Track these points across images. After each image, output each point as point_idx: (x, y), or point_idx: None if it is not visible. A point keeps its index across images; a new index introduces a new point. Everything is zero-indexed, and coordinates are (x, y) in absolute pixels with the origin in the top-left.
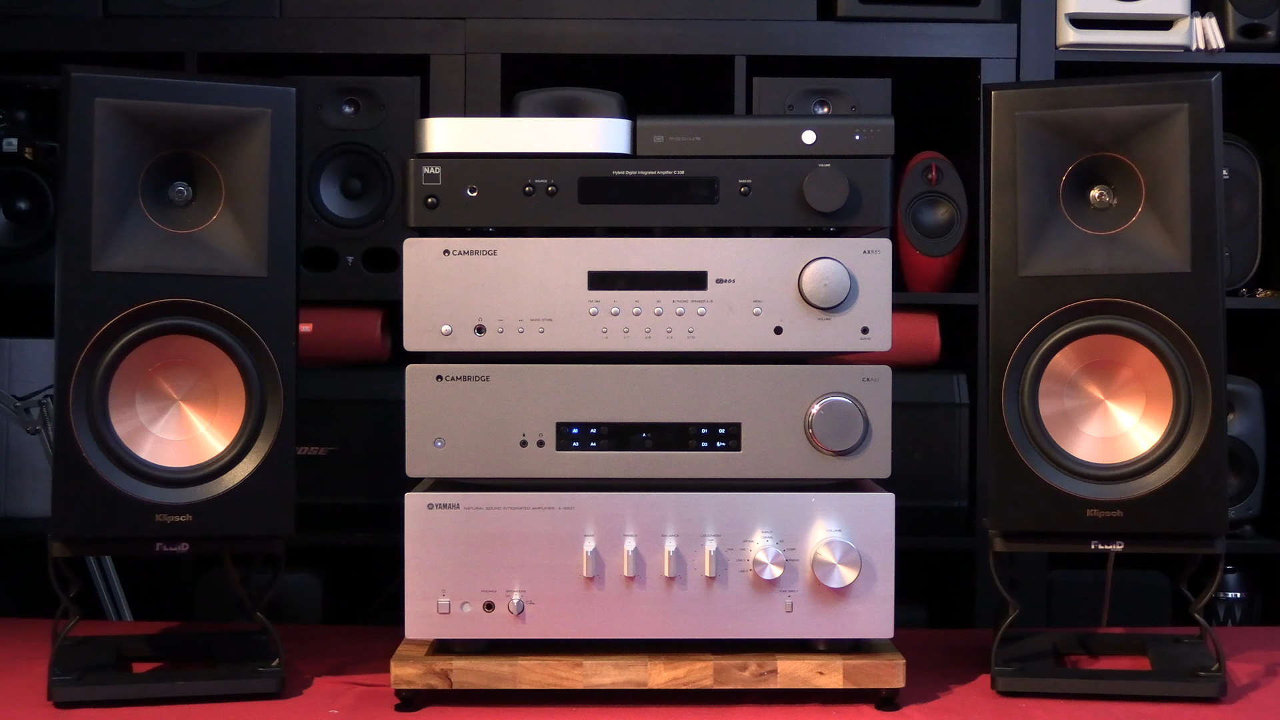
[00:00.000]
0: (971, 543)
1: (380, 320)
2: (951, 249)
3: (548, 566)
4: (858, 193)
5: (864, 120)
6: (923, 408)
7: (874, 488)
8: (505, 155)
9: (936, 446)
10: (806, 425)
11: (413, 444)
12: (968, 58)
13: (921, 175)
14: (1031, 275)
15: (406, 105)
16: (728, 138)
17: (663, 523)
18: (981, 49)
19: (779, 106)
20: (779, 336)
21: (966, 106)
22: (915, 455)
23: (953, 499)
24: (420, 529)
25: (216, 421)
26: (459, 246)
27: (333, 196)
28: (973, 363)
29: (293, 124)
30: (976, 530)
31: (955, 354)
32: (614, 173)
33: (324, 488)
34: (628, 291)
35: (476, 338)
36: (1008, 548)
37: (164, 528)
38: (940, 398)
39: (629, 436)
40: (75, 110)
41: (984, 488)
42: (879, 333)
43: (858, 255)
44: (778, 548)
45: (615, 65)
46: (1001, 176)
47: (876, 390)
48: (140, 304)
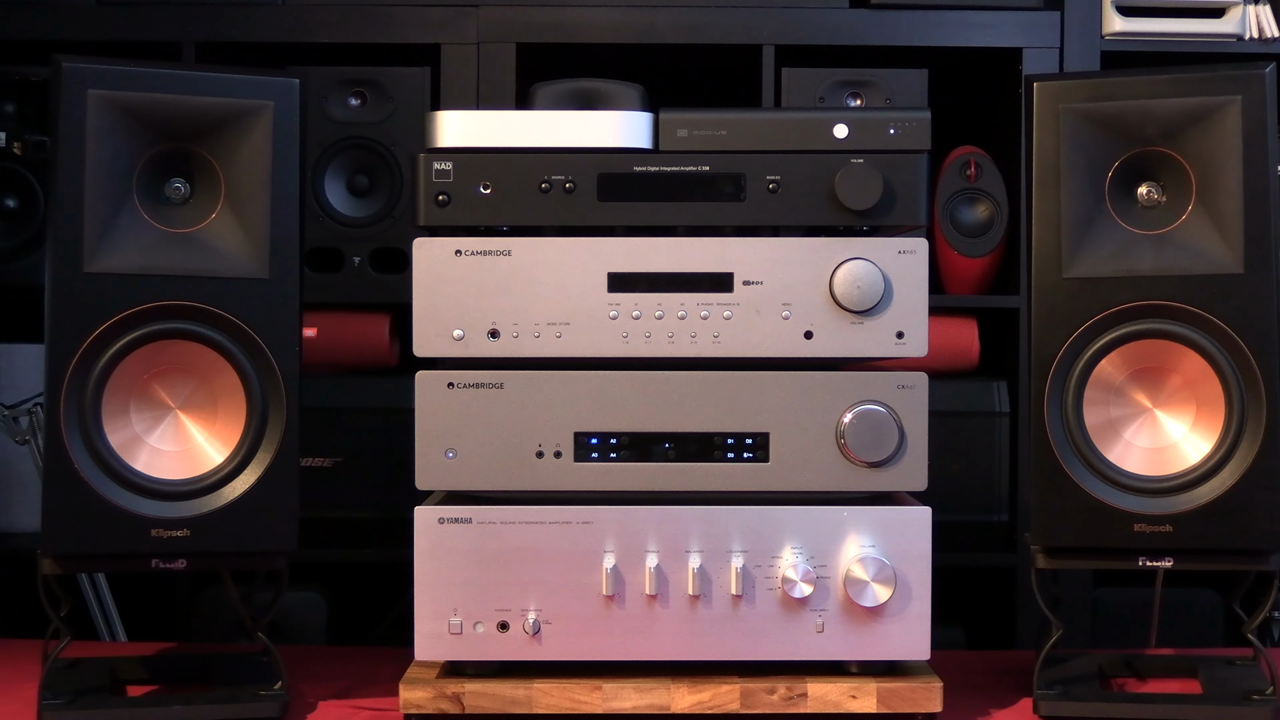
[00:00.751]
0: (1012, 559)
1: (388, 324)
2: (991, 249)
3: (565, 584)
4: (892, 190)
5: (899, 113)
6: (961, 417)
7: (909, 501)
8: (520, 150)
9: (975, 457)
10: (838, 435)
11: (423, 455)
12: (1008, 47)
13: (959, 171)
14: (1076, 277)
15: (416, 97)
16: (755, 132)
17: (686, 538)
18: (1023, 38)
19: (809, 99)
20: (809, 341)
21: (1007, 99)
22: (953, 467)
23: (992, 513)
24: (431, 544)
25: (215, 431)
26: (471, 246)
27: (338, 194)
28: (1013, 369)
29: (296, 117)
30: (1017, 546)
31: (995, 360)
32: (635, 169)
33: (329, 501)
34: (650, 294)
35: (490, 343)
36: (1050, 564)
37: (160, 543)
38: (979, 406)
39: (651, 447)
40: (66, 102)
41: (1025, 501)
42: (915, 337)
43: (892, 256)
44: (808, 564)
45: (636, 55)
46: (1044, 172)
47: (912, 398)
48: (135, 307)
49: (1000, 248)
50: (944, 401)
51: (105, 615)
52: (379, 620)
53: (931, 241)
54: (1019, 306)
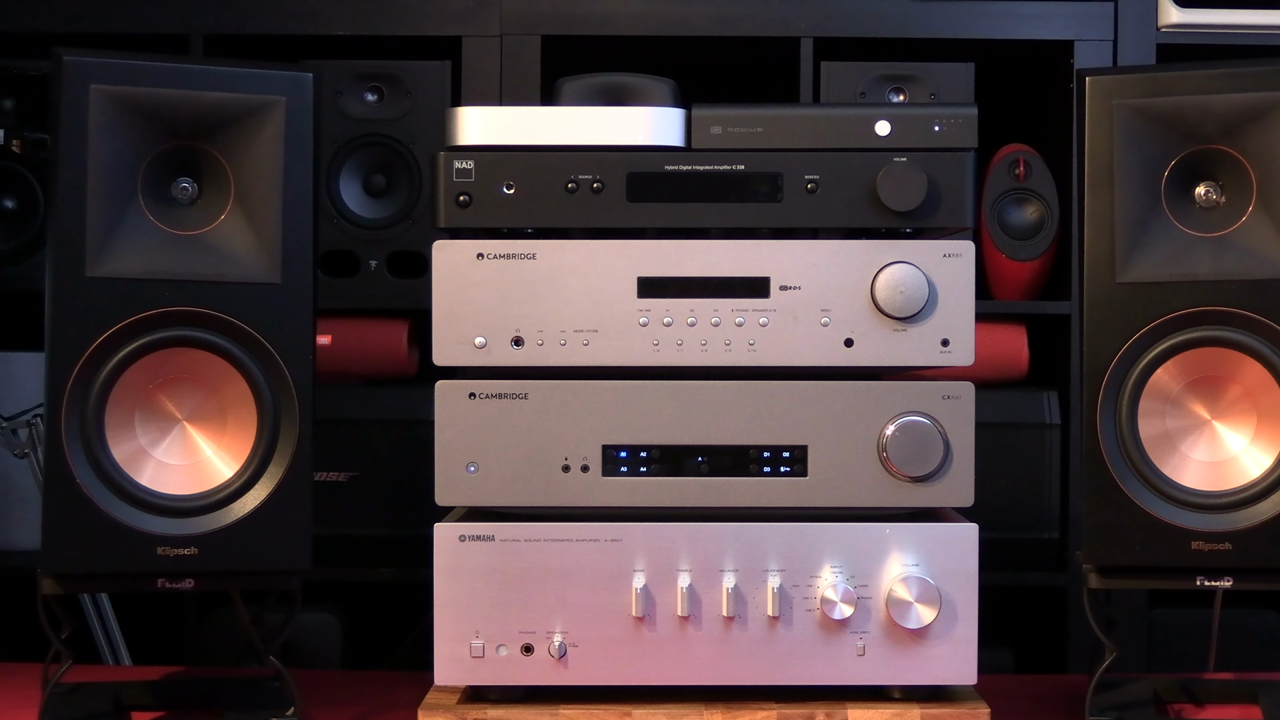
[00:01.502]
0: (1063, 579)
1: (406, 331)
2: (1041, 252)
3: (593, 605)
4: (937, 190)
5: (944, 109)
6: (1009, 429)
7: (955, 518)
8: (546, 148)
9: (1024, 472)
10: (880, 448)
11: (443, 469)
12: (1059, 40)
13: (1008, 170)
14: (1130, 281)
15: (436, 92)
16: (793, 129)
17: (720, 556)
18: (1075, 30)
19: (850, 94)
20: (849, 350)
21: (1058, 94)
22: (1001, 481)
23: (1042, 530)
24: (451, 563)
25: (225, 444)
26: (494, 249)
27: (354, 194)
28: (1065, 379)
29: (309, 113)
30: (1069, 565)
31: (1045, 369)
32: (666, 168)
33: (344, 517)
34: (681, 299)
35: (514, 351)
36: (1104, 584)
37: (167, 562)
38: (1029, 418)
39: (683, 461)
40: (68, 98)
41: (1077, 517)
42: (961, 345)
43: (937, 259)
44: (848, 584)
45: (667, 48)
46: (1097, 172)
47: (958, 409)
48: (140, 313)
49: (1050, 251)
50: (991, 413)
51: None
52: (396, 643)
53: (978, 244)
54: (1070, 313)
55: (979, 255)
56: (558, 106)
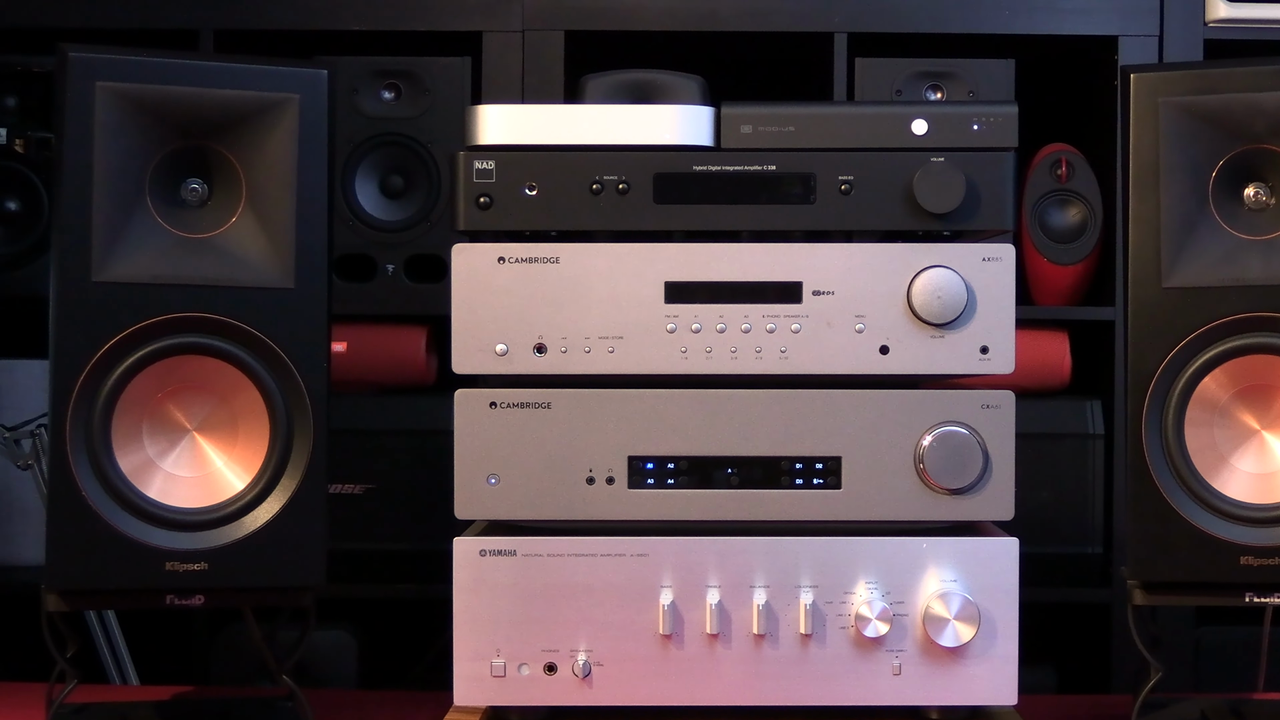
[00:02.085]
0: (1107, 595)
1: (425, 338)
2: (1084, 256)
3: (618, 622)
4: (976, 191)
5: (983, 107)
6: (1051, 439)
7: (995, 532)
8: (569, 148)
9: (1067, 484)
10: (917, 459)
11: (463, 481)
12: (1103, 35)
13: (1049, 171)
14: (1177, 286)
15: (455, 90)
16: (826, 128)
17: (751, 572)
18: (1119, 25)
19: (885, 92)
20: (885, 357)
21: (1101, 92)
22: (1042, 494)
23: (1085, 544)
24: (471, 579)
25: (236, 455)
26: (516, 253)
27: (370, 195)
28: (1109, 387)
29: (324, 112)
30: (1113, 580)
31: (1088, 377)
32: (695, 168)
33: (360, 531)
34: (710, 305)
35: (536, 358)
36: (1149, 600)
37: (175, 577)
38: (1071, 428)
39: (712, 472)
40: (73, 96)
41: (1121, 531)
42: (1001, 352)
43: (976, 263)
44: (884, 601)
45: (696, 44)
46: (1142, 172)
47: (998, 419)
48: (148, 319)
49: (1094, 254)
50: (1032, 422)
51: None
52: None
53: (1019, 247)
54: (1114, 319)
55: (1019, 259)
56: (582, 104)
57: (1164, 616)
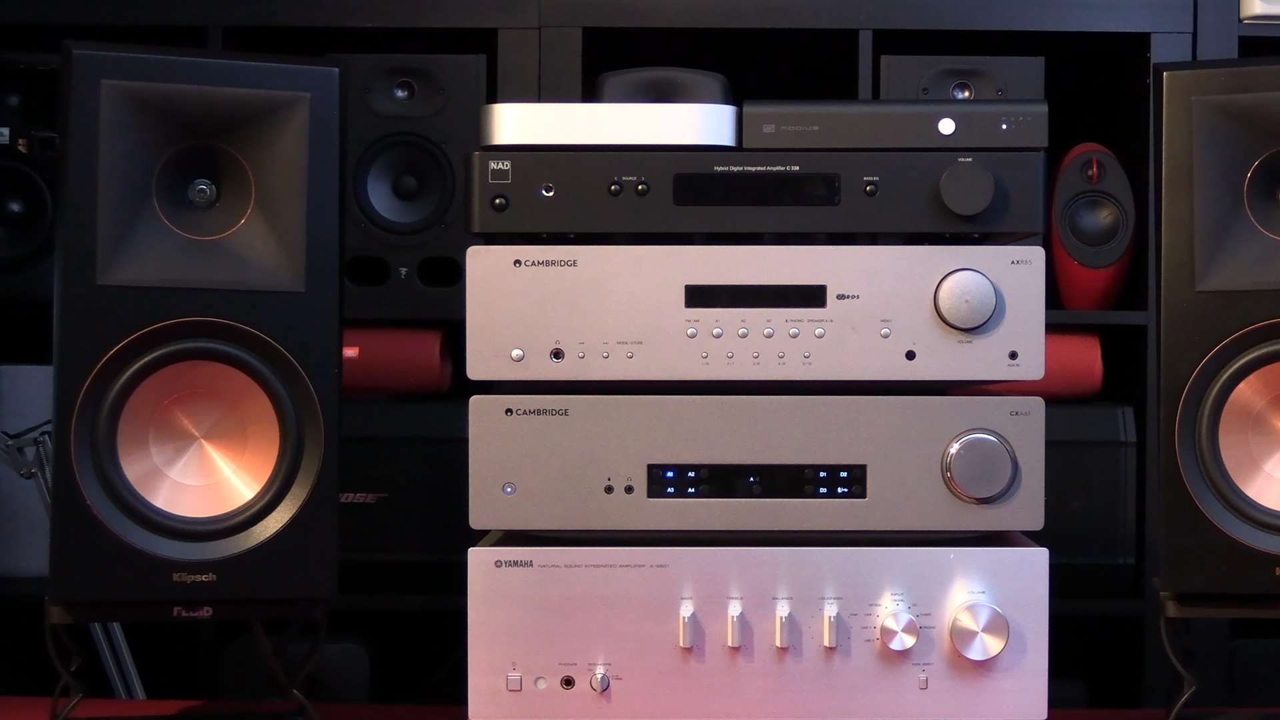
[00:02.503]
0: (1139, 606)
1: (439, 343)
2: (1115, 259)
3: (637, 635)
4: (1005, 192)
5: (1012, 106)
6: (1081, 447)
7: (1024, 542)
8: (587, 148)
9: (1098, 493)
10: (944, 468)
11: (477, 490)
12: (1135, 32)
13: (1080, 172)
14: (1211, 290)
15: (470, 89)
16: (851, 127)
17: (773, 583)
18: (1151, 22)
19: (911, 90)
20: (911, 363)
21: (1133, 90)
22: (1072, 503)
23: (1117, 555)
24: (486, 590)
25: (245, 463)
26: (532, 256)
27: (382, 197)
28: (1141, 394)
29: (335, 111)
30: (1145, 592)
31: (1120, 383)
32: (716, 168)
33: (372, 541)
34: (732, 309)
35: (553, 364)
36: (1182, 612)
37: (183, 589)
38: (1102, 435)
39: (734, 481)
40: (78, 94)
41: (1154, 541)
42: (1030, 358)
43: (1005, 266)
44: (910, 613)
45: (717, 41)
46: (1175, 173)
47: (1027, 426)
48: (155, 324)
49: (1126, 257)
50: (1062, 430)
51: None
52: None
53: (1048, 250)
54: (1147, 323)
55: (1049, 262)
56: (600, 103)
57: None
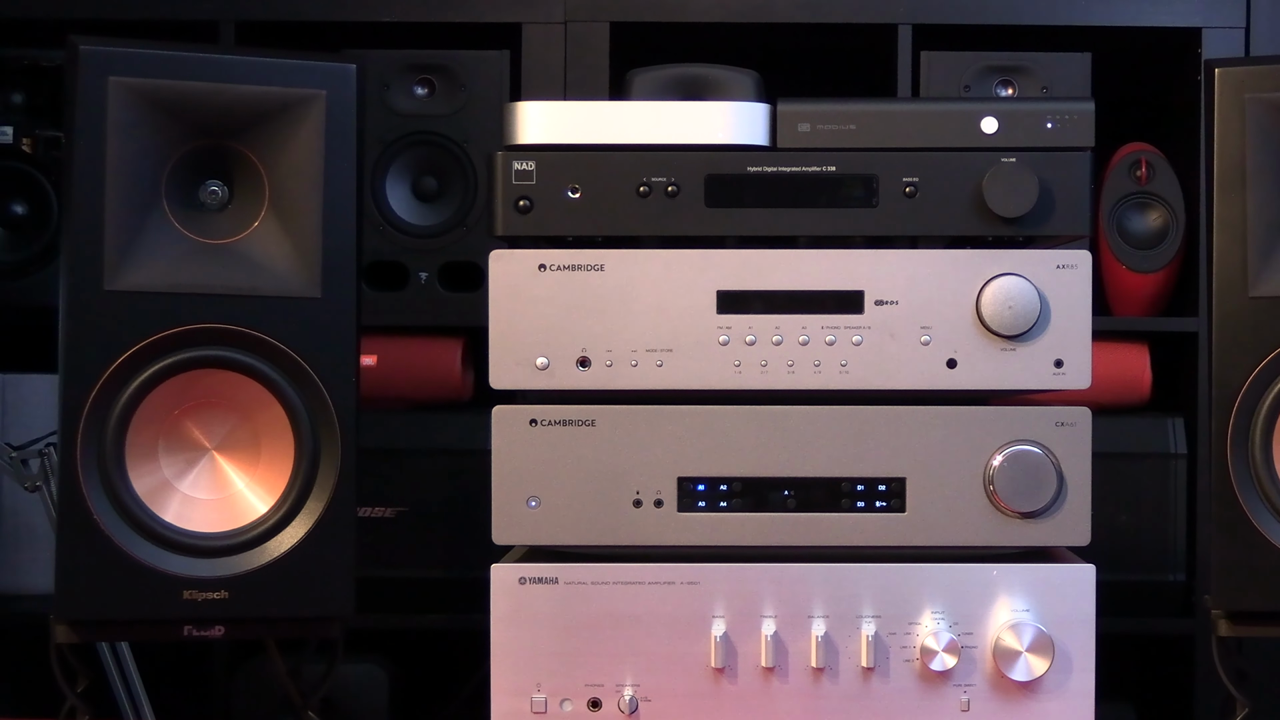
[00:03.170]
0: (1190, 625)
1: (460, 351)
2: (1165, 263)
3: (667, 655)
4: (1050, 193)
5: (1058, 104)
6: (1130, 459)
7: (1070, 558)
8: (615, 147)
9: (1146, 507)
10: (987, 480)
11: (501, 504)
12: (1185, 27)
13: (1128, 172)
14: (1264, 295)
15: (493, 86)
16: (889, 126)
17: (809, 601)
18: (1202, 16)
19: (953, 87)
20: (952, 371)
21: (1184, 88)
22: (1121, 517)
23: (1167, 571)
24: (510, 608)
25: (259, 476)
26: (558, 260)
27: (402, 199)
28: (1192, 403)
29: (353, 109)
30: (1196, 610)
31: (1170, 393)
32: (749, 169)
33: (391, 558)
34: (766, 315)
35: (579, 373)
36: (1234, 631)
37: (194, 607)
38: (1151, 447)
39: (768, 494)
40: (84, 92)
41: (1205, 558)
42: (1076, 367)
43: (1050, 271)
44: (951, 632)
45: (750, 37)
46: (1227, 173)
47: (1073, 437)
48: (164, 331)
49: (1176, 261)
50: (1110, 441)
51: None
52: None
53: (1095, 254)
54: (1198, 330)
55: (1096, 266)
56: (628, 101)
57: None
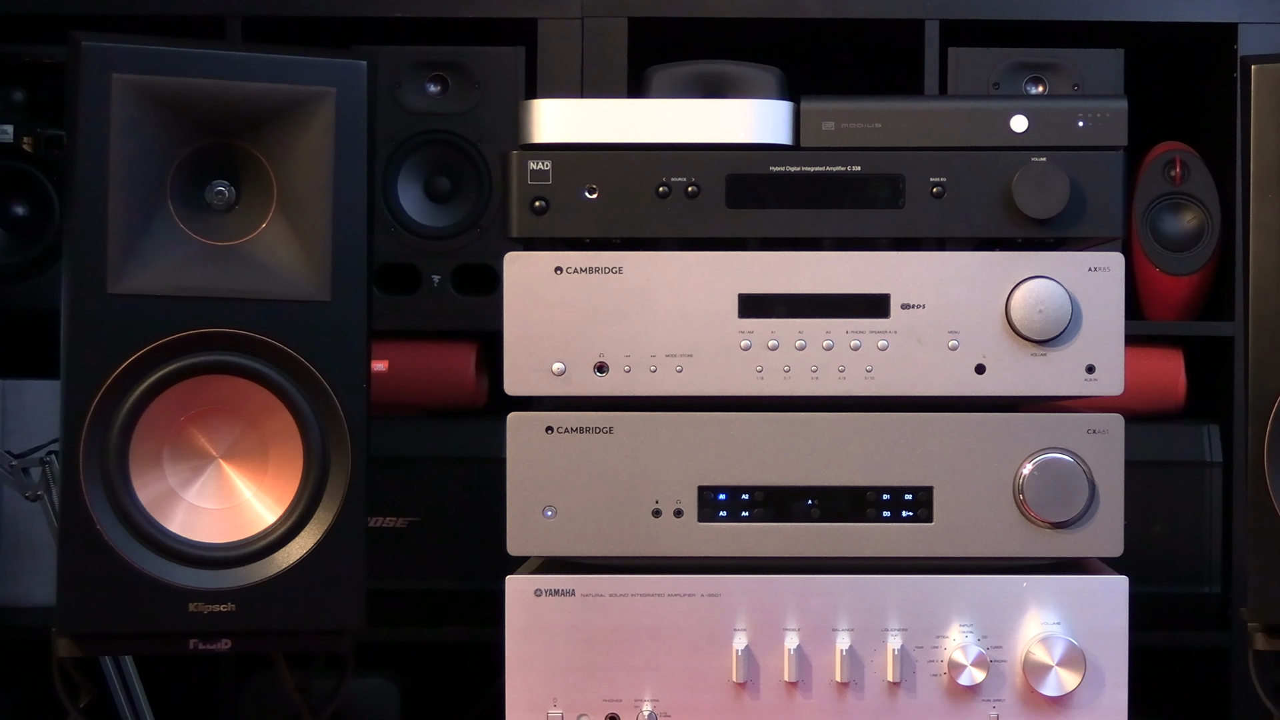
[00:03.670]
0: (1226, 639)
1: (474, 356)
2: (1200, 266)
3: (687, 669)
4: (1082, 194)
5: (1089, 102)
6: (1163, 467)
7: (1103, 569)
8: (633, 146)
9: (1181, 517)
10: (1016, 489)
11: (516, 513)
12: (1221, 22)
13: (1162, 172)
14: None
15: (508, 83)
16: (916, 124)
17: (833, 613)
18: (1238, 11)
19: (981, 85)
20: (981, 377)
21: (1220, 84)
22: (1154, 528)
23: (1201, 583)
24: (525, 621)
25: (266, 485)
26: (575, 262)
27: (414, 199)
28: (1227, 410)
29: (363, 107)
30: (1232, 623)
31: (1205, 399)
32: (772, 169)
33: (403, 569)
34: (789, 319)
35: (597, 378)
36: (1272, 645)
37: (200, 620)
38: (1186, 455)
39: (791, 504)
40: (87, 89)
41: (1241, 569)
42: (1109, 372)
43: (1081, 274)
44: (979, 645)
45: (773, 32)
46: (1265, 173)
47: (1106, 445)
48: (169, 335)
49: (1211, 264)
50: (1143, 449)
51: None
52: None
53: (1128, 256)
54: (1234, 335)
55: (1129, 269)
56: (647, 99)
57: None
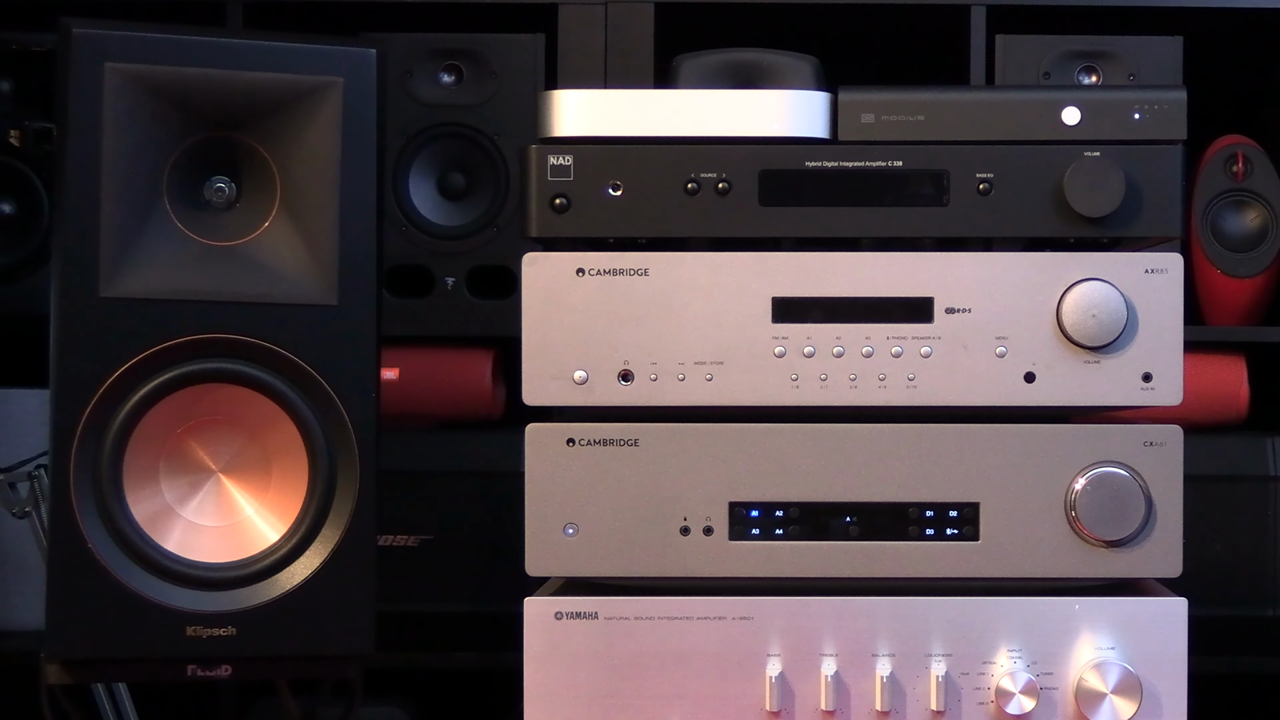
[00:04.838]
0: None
1: (490, 364)
2: (1264, 267)
3: (717, 697)
4: (1138, 191)
5: (1146, 93)
6: (1225, 482)
7: (1160, 590)
8: (660, 140)
9: (1244, 534)
10: (1068, 506)
11: (535, 531)
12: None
13: (1223, 168)
14: None
15: (526, 73)
16: (961, 117)
17: (873, 638)
18: None
19: (1031, 75)
20: (1030, 386)
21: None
22: (1215, 546)
23: (1264, 605)
24: (545, 646)
25: (269, 501)
26: (598, 264)
27: (426, 196)
28: None
29: (373, 98)
30: None
31: (1269, 409)
32: (807, 164)
33: (415, 590)
34: (826, 325)
35: (621, 387)
36: None
37: (199, 644)
38: (1249, 468)
39: (828, 521)
40: (78, 79)
41: None
42: (1167, 381)
43: (1138, 276)
44: (1029, 672)
45: (808, 19)
46: None
47: (1163, 458)
48: (166, 342)
49: (1276, 265)
50: (1204, 463)
51: None
52: None
53: (1187, 257)
54: None
55: (1188, 271)
56: (674, 89)
57: None
